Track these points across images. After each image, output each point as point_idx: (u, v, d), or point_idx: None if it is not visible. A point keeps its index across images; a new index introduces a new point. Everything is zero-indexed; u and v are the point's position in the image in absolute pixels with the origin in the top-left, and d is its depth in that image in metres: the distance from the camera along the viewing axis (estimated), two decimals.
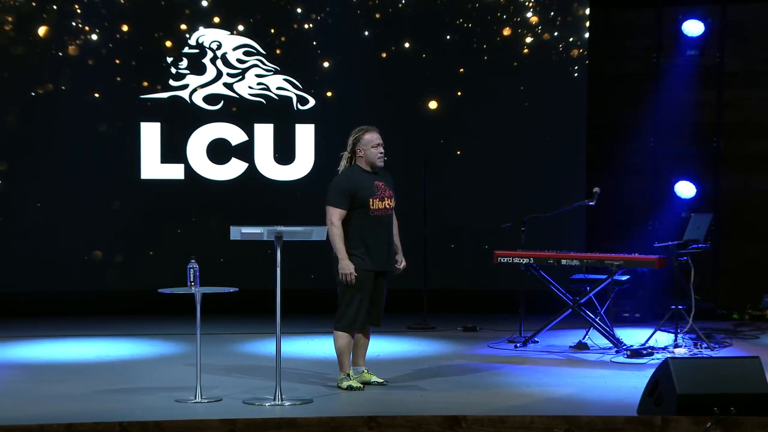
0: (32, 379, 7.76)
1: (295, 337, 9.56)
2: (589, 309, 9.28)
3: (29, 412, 6.57)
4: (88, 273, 11.27)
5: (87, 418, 6.18)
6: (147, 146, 11.31)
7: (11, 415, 6.44)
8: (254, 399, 6.93)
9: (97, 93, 11.24)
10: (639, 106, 11.56)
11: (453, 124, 11.61)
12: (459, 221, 11.52)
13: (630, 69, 11.73)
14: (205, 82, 11.41)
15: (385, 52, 11.56)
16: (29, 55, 11.09)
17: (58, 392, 7.24)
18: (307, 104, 11.51)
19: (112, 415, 6.31)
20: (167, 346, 9.34)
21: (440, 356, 8.97)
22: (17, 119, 11.15)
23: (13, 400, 6.95)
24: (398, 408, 6.63)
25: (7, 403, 6.83)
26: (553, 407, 6.77)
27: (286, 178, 11.54)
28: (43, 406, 6.74)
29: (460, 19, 11.54)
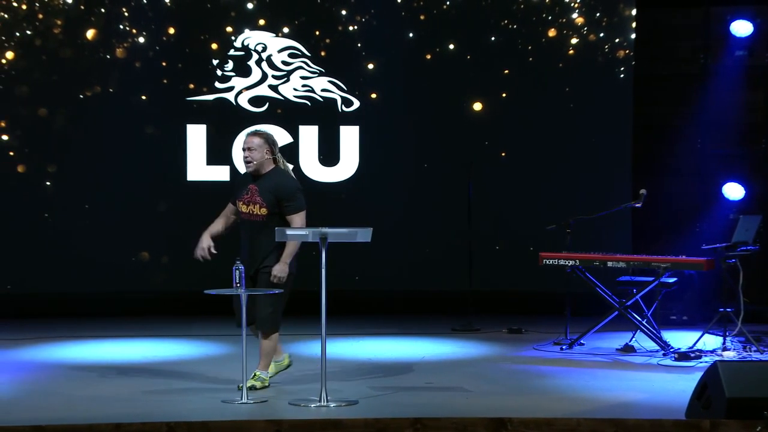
0: (80, 380, 7.82)
1: (339, 339, 9.58)
2: (635, 311, 9.21)
3: (78, 412, 6.64)
4: (135, 274, 11.35)
5: (134, 419, 6.22)
6: (193, 148, 11.38)
7: (60, 415, 6.51)
8: (300, 400, 6.94)
9: (144, 95, 11.33)
10: (686, 107, 11.46)
11: (497, 126, 11.57)
12: (504, 223, 11.48)
13: (677, 70, 11.63)
14: (250, 84, 11.46)
15: (430, 54, 11.55)
16: (77, 58, 11.20)
17: (106, 392, 7.31)
18: (351, 106, 11.53)
19: (159, 416, 6.35)
20: (213, 347, 9.39)
21: (485, 358, 8.94)
22: (66, 121, 11.26)
23: (62, 400, 7.02)
24: (444, 410, 6.62)
25: (56, 403, 6.90)
26: (599, 410, 6.72)
27: (330, 179, 11.56)
28: (92, 406, 6.80)
29: (505, 20, 11.50)
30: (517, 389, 7.51)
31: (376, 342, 9.82)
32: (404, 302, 11.54)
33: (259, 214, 7.35)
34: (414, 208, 11.54)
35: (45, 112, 11.18)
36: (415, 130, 11.57)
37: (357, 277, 11.41)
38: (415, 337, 10.03)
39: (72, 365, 8.52)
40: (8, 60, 11.08)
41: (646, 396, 7.26)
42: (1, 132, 11.16)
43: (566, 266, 9.29)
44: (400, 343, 9.78)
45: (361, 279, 11.46)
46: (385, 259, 11.24)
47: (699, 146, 11.39)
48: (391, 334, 10.20)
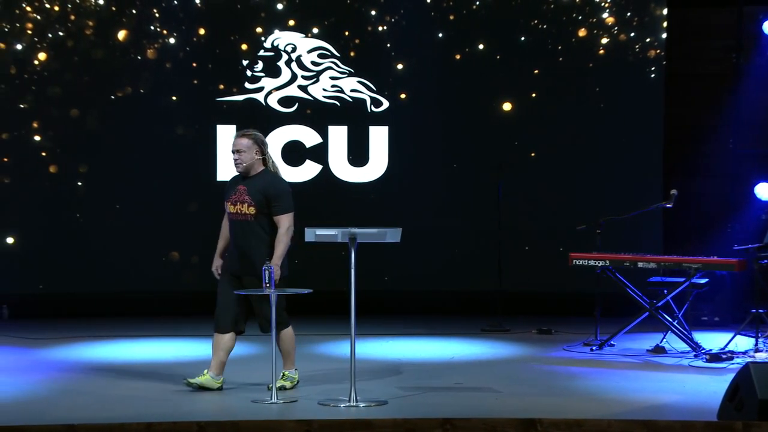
0: (112, 379, 7.87)
1: (369, 339, 9.58)
2: (666, 312, 9.16)
3: (109, 411, 6.68)
4: (166, 274, 11.41)
5: (165, 418, 6.25)
6: (223, 148, 11.42)
7: (92, 414, 6.55)
8: (329, 400, 6.95)
9: (174, 96, 11.38)
10: (718, 106, 11.38)
11: (527, 126, 11.55)
12: (533, 223, 11.45)
13: (708, 69, 11.56)
14: (279, 85, 11.49)
15: (459, 54, 11.54)
16: (109, 59, 11.26)
17: (137, 392, 7.34)
18: (380, 106, 11.53)
19: (189, 415, 6.38)
20: (243, 347, 9.40)
21: (515, 359, 8.92)
22: (97, 122, 11.33)
23: (94, 400, 7.06)
24: (473, 410, 6.61)
25: (88, 403, 6.94)
26: (630, 411, 6.69)
27: (359, 180, 11.57)
28: (123, 406, 6.84)
29: (535, 20, 11.47)
30: (547, 390, 7.48)
31: (405, 342, 9.81)
32: (433, 303, 11.53)
33: (247, 213, 7.28)
34: (443, 209, 11.53)
35: (77, 113, 11.25)
36: (445, 131, 11.56)
37: (386, 277, 11.42)
38: (445, 338, 10.02)
39: (103, 365, 8.57)
40: (41, 61, 11.16)
41: (677, 397, 7.22)
42: (34, 133, 11.24)
43: (596, 267, 9.26)
44: (430, 343, 9.78)
45: (391, 279, 11.47)
46: (415, 260, 11.24)
47: (731, 146, 11.32)
48: (420, 335, 10.20)
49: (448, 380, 7.83)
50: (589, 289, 9.89)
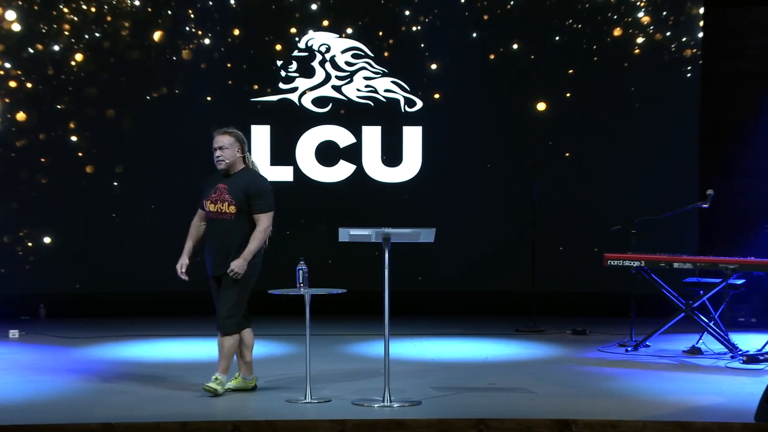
0: (147, 378, 7.91)
1: (403, 339, 9.58)
2: (702, 313, 9.09)
3: (145, 410, 6.71)
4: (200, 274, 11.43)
5: (201, 417, 6.29)
6: (257, 148, 11.45)
7: (128, 413, 6.59)
8: (363, 400, 6.95)
9: (209, 96, 11.44)
10: (755, 106, 11.29)
11: (561, 126, 11.51)
12: (567, 223, 11.41)
13: (746, 69, 11.46)
14: (314, 85, 11.52)
15: (493, 54, 11.51)
16: (144, 60, 11.34)
17: (172, 391, 7.38)
18: (414, 106, 11.53)
19: (224, 414, 6.41)
20: (277, 347, 9.45)
21: (549, 359, 8.89)
22: (133, 122, 11.41)
23: (130, 399, 7.10)
24: (507, 411, 6.59)
25: (124, 401, 6.99)
26: (666, 413, 6.64)
27: (393, 180, 11.57)
28: (158, 405, 6.87)
29: (570, 20, 11.43)
30: (581, 391, 7.45)
31: (439, 342, 9.80)
32: (467, 303, 11.51)
33: (227, 212, 7.15)
34: (477, 209, 11.51)
35: (113, 114, 11.33)
36: (479, 131, 11.54)
37: (420, 277, 11.41)
38: (479, 338, 10.00)
39: (139, 364, 8.62)
40: (77, 62, 11.25)
41: (714, 399, 7.16)
42: (70, 133, 11.34)
43: (631, 267, 9.20)
44: (464, 343, 9.76)
45: (424, 280, 11.46)
46: (448, 260, 11.23)
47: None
48: (454, 335, 10.19)
49: (482, 381, 7.81)
50: (624, 290, 9.85)
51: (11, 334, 9.99)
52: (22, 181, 11.21)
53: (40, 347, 9.43)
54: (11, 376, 7.91)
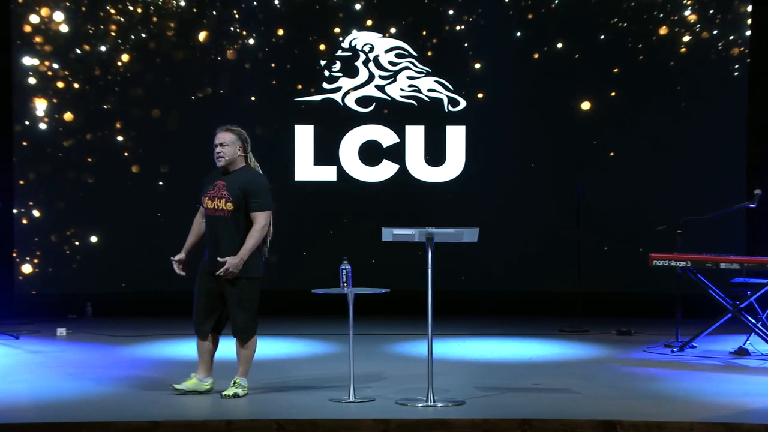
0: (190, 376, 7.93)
1: (446, 339, 9.57)
2: (749, 314, 9.00)
3: (191, 408, 6.75)
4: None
5: (245, 416, 6.32)
6: (301, 148, 11.50)
7: (174, 411, 6.63)
8: (406, 399, 6.95)
9: (253, 96, 11.49)
10: None
11: (606, 125, 11.44)
12: (612, 223, 11.35)
13: None
14: (357, 85, 11.53)
15: (537, 53, 11.47)
16: (189, 60, 11.42)
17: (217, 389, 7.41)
18: (458, 106, 11.51)
19: (268, 413, 6.43)
20: (321, 346, 9.47)
21: (594, 360, 8.83)
22: (178, 123, 11.49)
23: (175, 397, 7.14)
24: (552, 411, 6.55)
25: (170, 399, 7.03)
26: (712, 414, 6.57)
27: (436, 179, 11.56)
28: (203, 403, 6.91)
29: (615, 19, 11.36)
30: (627, 392, 7.39)
31: (482, 342, 9.78)
32: (511, 303, 11.48)
33: (225, 209, 7.03)
34: (521, 209, 11.47)
35: (158, 114, 11.42)
36: (522, 130, 11.50)
37: (463, 277, 11.39)
38: (522, 338, 9.96)
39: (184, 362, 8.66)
40: (123, 62, 11.35)
41: (761, 401, 7.08)
42: (117, 133, 11.44)
43: (677, 267, 9.12)
44: (507, 343, 9.73)
45: (468, 279, 11.44)
46: (492, 260, 11.20)
47: None
48: (497, 335, 10.16)
49: (526, 381, 7.78)
50: (669, 290, 9.77)
51: (59, 332, 10.10)
52: (69, 181, 11.33)
53: (87, 345, 9.53)
54: (59, 373, 7.99)
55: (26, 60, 11.25)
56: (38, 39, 11.25)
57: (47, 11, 11.24)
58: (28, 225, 11.35)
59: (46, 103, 11.31)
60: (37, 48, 11.25)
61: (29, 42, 11.23)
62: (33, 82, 11.28)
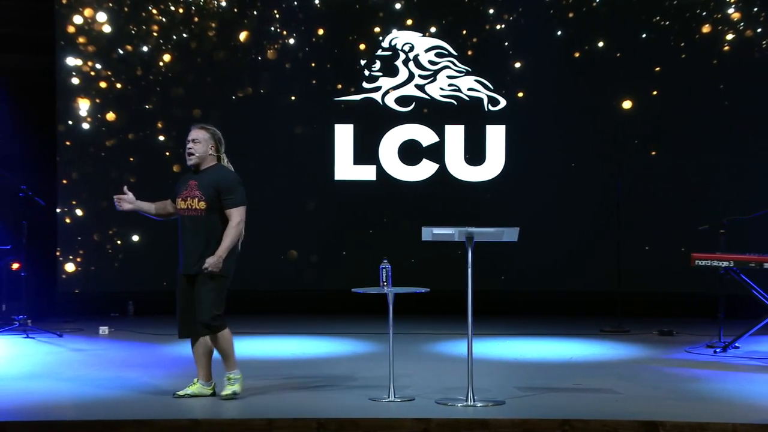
0: None
1: (486, 338, 9.54)
2: None
3: (231, 407, 6.78)
4: (285, 272, 11.56)
5: (286, 414, 6.33)
6: (340, 148, 11.52)
7: (215, 410, 6.67)
8: (446, 399, 6.94)
9: (293, 96, 11.53)
10: None
11: (648, 124, 11.37)
12: (654, 223, 11.27)
13: None
14: (397, 84, 11.53)
15: (578, 52, 11.41)
16: (230, 60, 11.47)
17: (258, 388, 7.44)
18: (498, 105, 11.48)
19: (309, 412, 6.44)
20: (360, 345, 9.48)
21: (635, 360, 8.78)
22: (218, 122, 11.48)
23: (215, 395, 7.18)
24: (593, 412, 6.51)
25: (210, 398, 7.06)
26: (756, 416, 6.50)
27: (476, 179, 11.54)
28: (244, 402, 6.93)
29: (657, 17, 11.28)
30: (668, 392, 7.33)
31: (522, 342, 9.75)
32: (551, 303, 11.43)
33: (198, 208, 6.93)
34: (561, 208, 11.42)
35: (199, 113, 11.48)
36: (563, 129, 11.45)
37: (503, 276, 11.36)
38: (563, 338, 9.92)
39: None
40: (165, 63, 11.43)
41: None
42: (158, 133, 11.52)
43: (720, 267, 9.04)
44: (547, 343, 9.69)
45: (507, 279, 11.41)
46: (532, 260, 11.16)
47: None
48: (537, 335, 10.12)
49: (567, 381, 7.74)
50: (712, 291, 9.68)
51: (101, 330, 10.20)
52: (111, 180, 11.42)
53: (129, 343, 9.60)
54: (100, 371, 8.06)
55: (70, 60, 11.36)
56: (81, 39, 11.36)
57: (90, 12, 11.34)
58: (70, 224, 11.46)
59: (89, 103, 11.41)
60: (81, 48, 11.36)
61: (73, 42, 11.34)
62: (76, 83, 11.39)
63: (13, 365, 8.38)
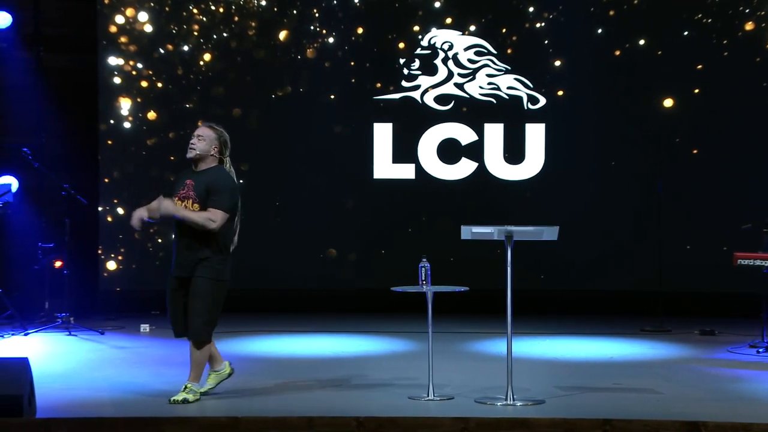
0: (272, 373, 8.02)
1: (525, 338, 9.51)
2: None
3: (270, 405, 6.81)
4: (323, 271, 11.57)
5: (325, 413, 6.34)
6: (379, 146, 11.52)
7: (255, 407, 6.70)
8: (486, 398, 6.93)
9: (332, 95, 11.54)
10: None
11: (690, 123, 11.28)
12: (695, 222, 11.18)
13: None
14: (436, 83, 11.52)
15: (619, 50, 11.34)
16: (270, 59, 11.51)
17: (297, 386, 7.47)
18: (537, 103, 11.43)
19: (348, 411, 6.45)
20: (399, 344, 9.48)
21: (676, 360, 8.71)
22: (258, 121, 11.59)
23: (256, 393, 7.21)
24: (634, 412, 6.48)
25: (251, 396, 7.10)
26: None
27: (515, 177, 11.50)
28: (284, 400, 6.96)
29: (699, 14, 11.19)
30: (711, 392, 7.28)
31: (562, 341, 9.71)
32: (591, 302, 11.36)
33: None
34: (601, 207, 11.36)
35: (239, 112, 11.53)
36: (603, 128, 11.39)
37: (542, 276, 11.31)
38: (603, 338, 9.87)
39: (264, 359, 8.75)
40: (205, 62, 11.49)
41: None
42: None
43: (763, 267, 8.95)
44: (587, 343, 9.65)
45: (547, 278, 11.36)
46: (571, 258, 11.10)
47: None
48: (577, 334, 10.07)
49: (607, 380, 7.70)
50: (754, 290, 9.57)
51: (142, 328, 10.27)
52: (152, 178, 11.49)
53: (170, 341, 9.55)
54: (142, 369, 8.12)
55: (111, 60, 11.45)
56: (123, 39, 11.44)
57: (132, 12, 11.42)
58: (112, 223, 11.55)
59: (130, 103, 11.50)
60: (122, 48, 11.45)
61: (114, 42, 11.43)
62: (118, 82, 11.47)
63: (56, 363, 8.46)
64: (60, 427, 5.73)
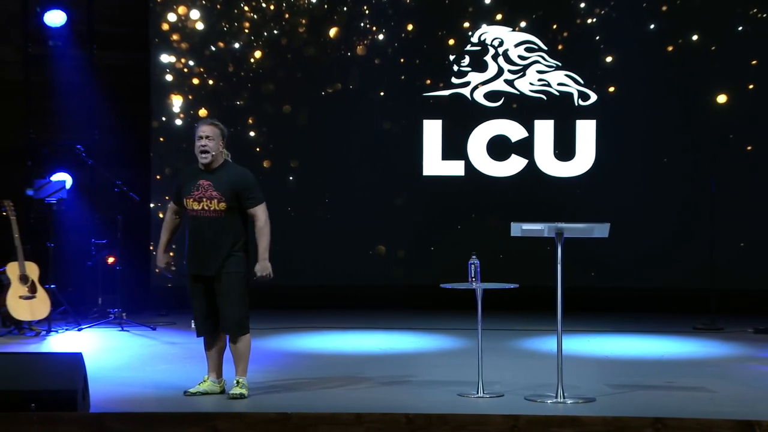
0: (321, 369, 8.05)
1: (575, 335, 9.46)
2: None
3: (320, 401, 6.83)
4: (372, 267, 11.59)
5: (374, 409, 6.35)
6: (429, 143, 11.51)
7: (304, 403, 6.72)
8: (536, 396, 6.90)
9: (382, 91, 11.55)
10: None
11: (743, 119, 11.15)
12: (749, 219, 11.05)
13: None
14: (486, 79, 11.48)
15: (672, 46, 11.23)
16: (320, 56, 11.54)
17: (346, 383, 7.49)
18: (588, 100, 11.36)
19: (397, 407, 6.46)
20: (449, 341, 9.48)
21: (730, 358, 8.62)
22: (308, 118, 11.63)
23: (306, 389, 7.24)
24: (686, 410, 6.42)
25: (300, 392, 7.13)
26: None
27: (566, 174, 11.43)
28: (333, 396, 6.99)
29: (754, 9, 11.06)
30: (765, 392, 7.19)
31: (613, 339, 9.64)
32: (642, 300, 11.27)
33: (217, 209, 6.82)
34: (653, 204, 11.26)
35: (289, 109, 11.58)
36: (655, 124, 11.29)
37: (593, 273, 11.24)
38: (654, 335, 9.79)
39: (313, 355, 8.79)
40: (256, 59, 11.55)
41: None
42: (249, 129, 11.64)
43: None
44: (639, 340, 9.58)
45: (598, 275, 11.28)
46: (623, 256, 11.02)
47: None
48: (628, 332, 10.00)
49: (659, 379, 7.64)
50: None
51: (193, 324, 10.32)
52: None
53: None
54: (193, 365, 8.17)
55: (164, 57, 11.55)
56: (175, 37, 11.54)
57: (184, 9, 11.51)
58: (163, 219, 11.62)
59: (182, 100, 11.59)
60: (174, 46, 11.54)
61: (167, 40, 11.52)
62: (170, 79, 11.57)
63: (109, 358, 8.56)
64: (113, 422, 5.79)
